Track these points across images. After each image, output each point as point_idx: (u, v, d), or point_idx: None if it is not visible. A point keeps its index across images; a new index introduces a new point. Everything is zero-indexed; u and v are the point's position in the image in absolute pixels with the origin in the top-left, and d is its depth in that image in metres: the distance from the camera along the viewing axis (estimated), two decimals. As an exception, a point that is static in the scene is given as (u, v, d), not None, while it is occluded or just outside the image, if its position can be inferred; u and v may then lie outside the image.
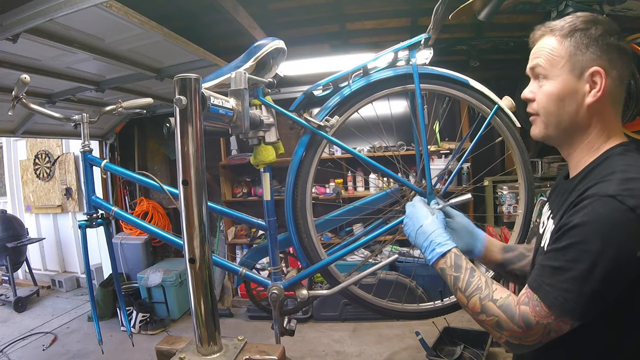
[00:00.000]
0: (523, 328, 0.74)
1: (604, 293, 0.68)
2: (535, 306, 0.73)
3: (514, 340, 0.76)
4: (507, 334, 0.76)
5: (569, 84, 0.78)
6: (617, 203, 0.67)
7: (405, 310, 1.28)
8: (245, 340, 0.83)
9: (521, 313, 0.74)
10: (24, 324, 3.91)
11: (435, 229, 0.90)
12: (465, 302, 0.82)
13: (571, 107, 0.79)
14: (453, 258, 0.86)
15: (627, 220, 0.66)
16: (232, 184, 4.39)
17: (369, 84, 1.12)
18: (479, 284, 0.81)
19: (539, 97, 0.83)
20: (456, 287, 0.84)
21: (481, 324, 0.81)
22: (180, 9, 2.54)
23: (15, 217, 4.72)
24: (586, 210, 0.70)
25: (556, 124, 0.82)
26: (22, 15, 1.56)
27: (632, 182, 0.69)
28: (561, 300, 0.70)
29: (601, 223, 0.68)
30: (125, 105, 1.50)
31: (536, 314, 0.72)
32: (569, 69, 0.78)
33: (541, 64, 0.81)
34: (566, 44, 0.78)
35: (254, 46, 1.08)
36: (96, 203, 1.44)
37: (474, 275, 0.83)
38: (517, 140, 1.17)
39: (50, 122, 3.20)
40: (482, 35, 3.09)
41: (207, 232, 0.77)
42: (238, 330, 3.69)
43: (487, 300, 0.79)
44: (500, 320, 0.76)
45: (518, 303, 0.76)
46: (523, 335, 0.74)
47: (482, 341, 2.81)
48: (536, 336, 0.73)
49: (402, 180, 1.16)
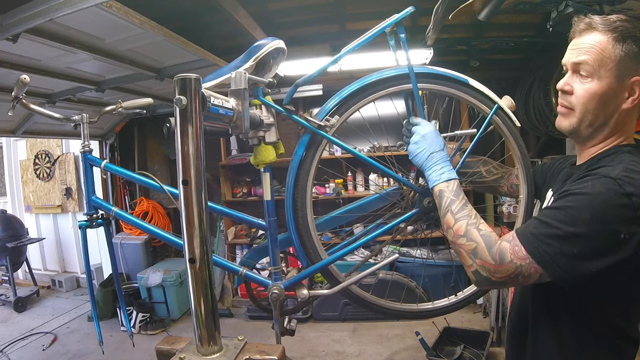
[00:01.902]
0: (497, 261, 0.78)
1: (580, 261, 0.72)
2: (515, 246, 0.77)
3: (483, 271, 0.79)
4: (479, 262, 0.80)
5: (613, 88, 0.81)
6: (616, 186, 0.72)
7: (405, 309, 1.28)
8: (245, 340, 0.83)
9: (500, 247, 0.79)
10: (24, 324, 3.92)
11: (447, 159, 0.96)
12: (451, 224, 0.86)
13: (609, 109, 0.82)
14: (456, 185, 0.91)
15: (620, 203, 0.71)
16: (232, 184, 4.39)
17: (369, 83, 1.12)
18: (469, 212, 0.87)
19: (579, 93, 0.83)
20: (449, 210, 0.88)
21: (457, 247, 0.85)
22: (180, 9, 2.53)
23: (15, 217, 4.73)
24: (586, 183, 0.76)
25: (590, 121, 0.84)
26: (22, 15, 1.56)
27: (634, 174, 0.74)
28: (540, 251, 0.74)
29: (596, 198, 0.73)
30: (125, 106, 1.50)
31: (514, 253, 0.77)
32: (615, 74, 0.80)
33: (589, 61, 0.81)
34: (618, 48, 0.79)
35: (254, 46, 1.08)
36: (96, 203, 1.43)
37: (467, 206, 0.88)
38: (517, 140, 1.16)
39: (50, 122, 3.20)
40: (482, 35, 3.09)
41: (207, 232, 0.77)
42: (238, 330, 3.69)
43: (473, 227, 0.83)
44: (477, 248, 0.80)
45: (500, 240, 0.80)
46: (493, 268, 0.78)
47: (482, 341, 2.81)
48: (505, 274, 0.77)
49: (402, 180, 1.16)
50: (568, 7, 1.79)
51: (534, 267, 0.75)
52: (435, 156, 0.95)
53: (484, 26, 2.95)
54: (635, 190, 0.71)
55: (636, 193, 0.71)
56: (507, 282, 0.78)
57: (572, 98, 0.85)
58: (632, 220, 0.71)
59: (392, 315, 1.28)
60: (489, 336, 2.86)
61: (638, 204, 0.71)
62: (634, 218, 0.71)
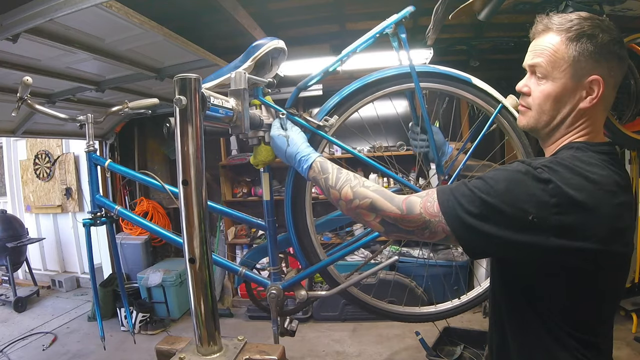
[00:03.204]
0: (403, 211, 0.79)
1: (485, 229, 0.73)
2: (427, 201, 0.78)
3: (389, 219, 0.80)
4: (382, 214, 0.81)
5: (568, 88, 0.80)
6: (535, 171, 0.73)
7: (405, 312, 1.27)
8: (245, 340, 0.83)
9: (409, 199, 0.80)
10: (24, 324, 3.91)
11: (297, 147, 0.97)
12: (338, 196, 0.87)
13: (565, 109, 0.82)
14: (319, 164, 0.92)
15: (535, 186, 0.72)
16: (232, 184, 4.39)
17: (368, 83, 1.12)
18: (347, 177, 0.88)
19: (535, 94, 0.84)
20: (328, 187, 0.89)
21: (354, 211, 0.85)
22: (180, 9, 2.53)
23: (15, 217, 4.72)
24: (511, 165, 0.78)
25: (547, 121, 0.84)
26: (22, 15, 1.56)
27: (560, 166, 0.74)
28: (450, 205, 0.76)
29: (514, 175, 0.74)
30: (132, 106, 1.51)
31: (425, 208, 0.78)
32: (570, 74, 0.79)
33: (542, 64, 0.81)
34: (571, 47, 0.78)
35: (252, 46, 1.08)
36: (100, 202, 1.45)
37: (341, 172, 0.89)
38: (522, 140, 1.15)
39: (50, 122, 3.21)
40: (482, 35, 3.09)
41: (207, 232, 0.77)
42: (238, 330, 3.69)
43: (359, 187, 0.84)
44: (374, 201, 0.81)
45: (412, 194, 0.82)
46: (400, 217, 0.79)
47: (482, 341, 2.81)
48: (413, 224, 0.78)
49: (402, 181, 1.16)
50: (568, 7, 1.78)
51: (442, 226, 0.76)
52: (289, 154, 0.97)
53: (484, 26, 2.95)
54: (552, 178, 0.71)
55: (553, 181, 0.70)
56: (415, 232, 0.79)
57: (530, 99, 0.85)
58: (544, 205, 0.70)
59: (393, 318, 1.27)
60: (489, 336, 2.86)
61: (554, 192, 0.70)
62: (547, 204, 0.70)
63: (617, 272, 0.81)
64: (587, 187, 0.71)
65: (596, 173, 0.73)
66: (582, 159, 0.76)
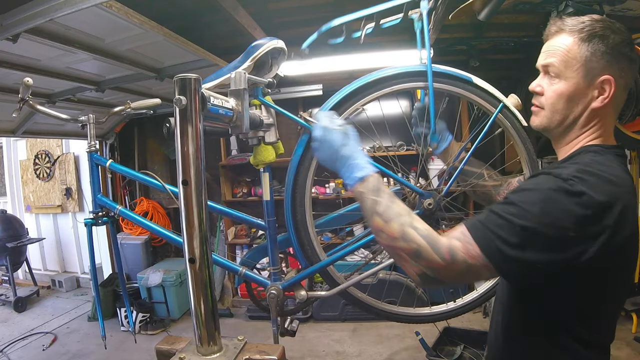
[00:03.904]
0: (447, 261, 0.73)
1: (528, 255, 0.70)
2: (467, 243, 0.73)
3: (430, 272, 0.74)
4: (425, 264, 0.74)
5: (580, 87, 0.81)
6: (567, 185, 0.71)
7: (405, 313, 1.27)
8: (245, 340, 0.83)
9: (451, 246, 0.74)
10: (24, 324, 3.91)
11: (352, 152, 0.86)
12: (381, 227, 0.78)
13: (577, 108, 0.83)
14: (374, 182, 0.82)
15: (570, 201, 0.70)
16: (232, 184, 4.39)
17: (368, 82, 1.12)
18: (399, 210, 0.79)
19: (548, 94, 0.85)
20: (374, 211, 0.79)
21: (395, 251, 0.78)
22: (180, 9, 2.54)
23: (15, 217, 4.73)
24: (538, 180, 0.75)
25: (560, 121, 0.85)
26: (22, 15, 1.56)
27: (588, 175, 0.73)
28: (489, 241, 0.72)
29: (546, 194, 0.72)
30: (134, 106, 1.51)
31: (466, 252, 0.73)
32: (582, 74, 0.80)
33: (555, 64, 0.83)
34: (583, 48, 0.80)
35: (252, 46, 1.08)
36: (101, 202, 1.45)
37: (394, 201, 0.80)
38: (524, 140, 1.15)
39: (51, 122, 3.21)
40: (482, 35, 3.09)
41: (207, 232, 0.77)
42: (238, 330, 3.69)
43: (408, 227, 0.76)
44: (420, 249, 0.74)
45: (450, 237, 0.75)
46: (443, 268, 0.73)
47: (482, 341, 2.81)
48: (455, 273, 0.74)
49: (402, 181, 1.16)
50: (568, 7, 1.79)
51: (486, 265, 0.72)
52: (342, 151, 0.86)
53: (484, 26, 2.96)
54: (585, 189, 0.70)
55: (586, 192, 0.70)
56: (456, 281, 0.76)
57: (542, 98, 0.87)
58: (582, 219, 0.69)
59: (392, 318, 1.27)
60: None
61: (589, 203, 0.69)
62: (584, 217, 0.69)
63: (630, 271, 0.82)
64: (615, 191, 0.72)
65: (619, 176, 0.75)
66: (604, 163, 0.77)
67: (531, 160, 1.16)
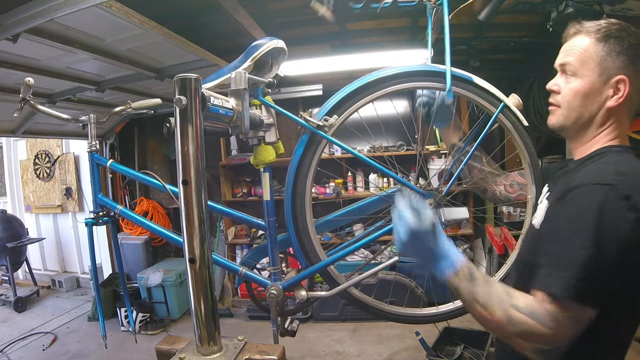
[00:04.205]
0: (554, 327, 0.71)
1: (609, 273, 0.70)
2: (557, 301, 0.72)
3: (545, 344, 0.73)
4: (538, 340, 0.72)
5: (595, 86, 0.84)
6: (613, 191, 0.71)
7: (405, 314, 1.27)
8: (245, 340, 0.83)
9: (548, 312, 0.72)
10: (24, 324, 3.91)
11: (444, 248, 0.80)
12: (485, 315, 0.76)
13: (593, 106, 0.85)
14: (467, 272, 0.79)
15: (620, 206, 0.71)
16: (232, 184, 4.39)
17: (368, 82, 1.12)
18: (497, 293, 0.76)
19: (564, 92, 0.88)
20: (473, 301, 0.77)
21: (504, 335, 0.76)
22: (180, 9, 2.53)
23: (15, 217, 4.72)
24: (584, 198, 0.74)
25: (576, 118, 0.88)
26: (22, 15, 1.56)
27: (624, 176, 0.74)
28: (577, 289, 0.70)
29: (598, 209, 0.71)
30: (134, 106, 1.51)
31: (562, 309, 0.71)
32: (598, 72, 0.84)
33: (572, 62, 0.86)
34: (599, 47, 0.83)
35: (252, 46, 1.08)
36: (102, 201, 1.45)
37: (490, 284, 0.78)
38: (524, 140, 1.15)
39: (51, 122, 3.21)
40: (482, 35, 3.09)
41: (207, 232, 0.77)
42: (238, 330, 3.69)
43: (510, 309, 0.74)
44: (529, 329, 0.72)
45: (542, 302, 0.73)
46: (554, 335, 0.71)
47: (482, 341, 2.81)
48: (566, 333, 0.72)
49: (402, 181, 1.16)
50: (568, 7, 1.78)
51: (583, 310, 0.71)
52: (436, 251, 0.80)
53: (484, 26, 2.95)
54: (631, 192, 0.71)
55: (633, 195, 0.71)
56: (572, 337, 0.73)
57: (559, 97, 0.90)
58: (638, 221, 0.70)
59: (393, 319, 1.27)
60: (489, 336, 2.85)
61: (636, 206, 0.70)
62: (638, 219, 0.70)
63: None
64: None
65: None
66: (635, 163, 0.81)
67: (531, 158, 1.15)
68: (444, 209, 1.10)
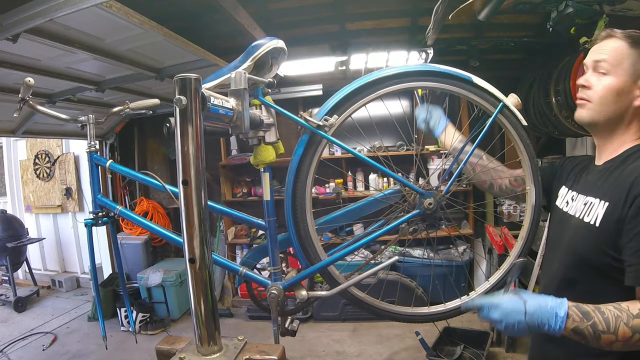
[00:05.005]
0: None
1: None
2: None
3: None
4: None
5: (627, 84, 0.92)
6: None
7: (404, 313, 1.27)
8: (245, 340, 0.83)
9: None
10: (24, 324, 3.92)
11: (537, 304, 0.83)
12: (613, 340, 0.79)
13: (623, 103, 0.93)
14: (575, 311, 0.81)
15: None
16: (232, 184, 4.39)
17: (367, 82, 1.12)
18: (612, 314, 0.80)
19: (597, 87, 0.95)
20: (598, 333, 0.80)
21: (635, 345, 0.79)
22: (180, 9, 2.54)
23: (15, 217, 4.73)
24: None
25: (607, 113, 0.94)
26: (22, 15, 1.56)
27: None
28: None
29: None
30: (132, 107, 1.50)
31: None
32: (630, 72, 0.92)
33: (607, 59, 0.93)
34: (632, 51, 0.92)
35: (252, 46, 1.07)
36: (102, 202, 1.45)
37: (601, 311, 0.81)
38: (524, 140, 1.15)
39: (50, 122, 3.21)
40: (482, 35, 3.09)
41: (207, 232, 0.77)
42: (238, 330, 3.69)
43: (631, 319, 0.79)
44: None
45: None
46: None
47: (482, 341, 2.81)
48: None
49: (402, 181, 1.16)
50: (568, 7, 1.78)
51: None
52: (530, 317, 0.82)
53: (484, 26, 2.95)
54: None
55: None
56: None
57: (590, 92, 0.96)
58: None
59: (394, 318, 1.26)
60: (489, 336, 2.86)
61: None
62: None
63: None
64: None
65: None
66: None
67: (531, 158, 1.15)
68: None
